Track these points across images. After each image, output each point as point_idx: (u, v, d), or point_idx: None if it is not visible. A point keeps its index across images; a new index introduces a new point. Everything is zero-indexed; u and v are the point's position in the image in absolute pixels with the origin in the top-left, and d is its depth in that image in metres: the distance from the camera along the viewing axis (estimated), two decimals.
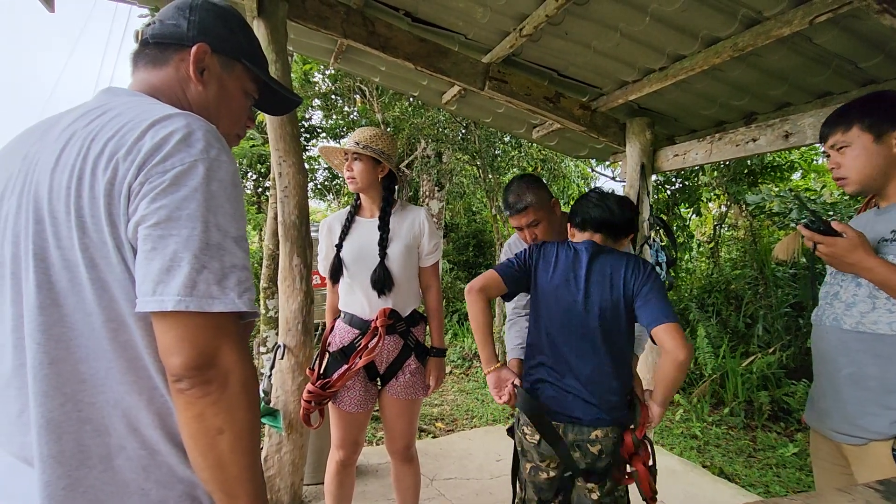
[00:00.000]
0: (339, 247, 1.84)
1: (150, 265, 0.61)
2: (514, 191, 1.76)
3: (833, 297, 1.38)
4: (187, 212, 0.62)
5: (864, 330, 1.27)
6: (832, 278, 1.42)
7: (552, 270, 1.50)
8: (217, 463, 0.63)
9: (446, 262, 9.37)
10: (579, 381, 1.41)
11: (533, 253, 1.58)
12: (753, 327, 5.13)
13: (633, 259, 1.49)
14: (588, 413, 1.40)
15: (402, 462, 1.94)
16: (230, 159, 0.68)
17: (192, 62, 0.79)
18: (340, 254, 1.84)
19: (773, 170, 5.97)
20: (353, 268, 1.83)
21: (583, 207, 1.56)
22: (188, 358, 0.60)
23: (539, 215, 1.74)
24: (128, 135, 0.64)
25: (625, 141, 3.15)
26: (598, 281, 1.44)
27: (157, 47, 0.80)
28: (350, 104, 7.98)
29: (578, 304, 1.43)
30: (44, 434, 0.62)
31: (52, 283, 0.64)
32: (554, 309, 1.47)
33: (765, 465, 3.54)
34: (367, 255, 1.82)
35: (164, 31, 0.80)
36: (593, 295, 1.43)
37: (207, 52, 0.81)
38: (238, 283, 0.65)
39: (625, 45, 2.31)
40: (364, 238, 1.84)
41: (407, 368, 1.85)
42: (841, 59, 2.10)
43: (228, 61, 0.85)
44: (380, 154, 1.79)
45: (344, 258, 1.84)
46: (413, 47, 2.55)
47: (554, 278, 1.49)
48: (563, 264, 1.50)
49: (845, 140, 1.31)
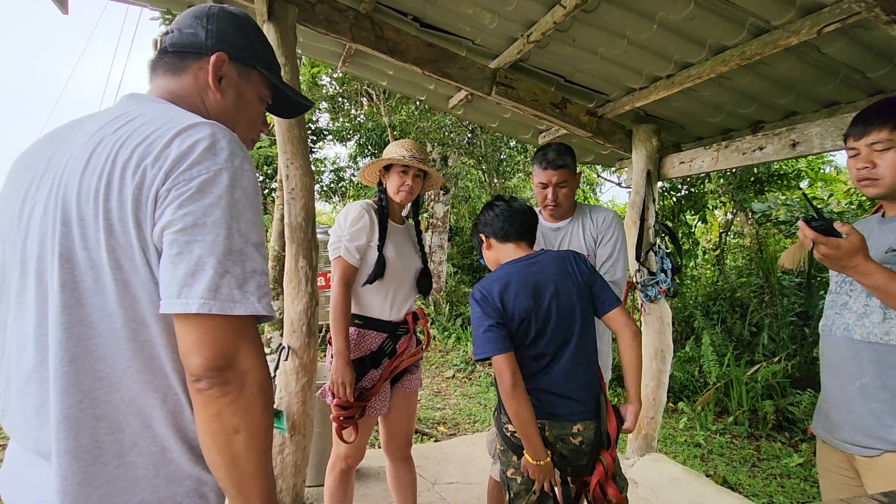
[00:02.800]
0: (382, 246, 1.80)
1: (176, 269, 0.63)
2: (555, 149, 1.84)
3: (842, 306, 1.36)
4: (212, 218, 0.64)
5: (876, 340, 1.25)
6: (839, 287, 1.39)
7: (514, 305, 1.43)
8: (232, 461, 0.65)
9: (450, 266, 9.38)
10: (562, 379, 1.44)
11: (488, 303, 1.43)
12: (758, 336, 5.10)
13: (569, 252, 1.56)
14: (568, 408, 1.43)
15: (402, 460, 1.96)
16: (251, 168, 0.71)
17: (210, 71, 0.81)
18: (385, 254, 1.80)
19: (779, 178, 5.95)
20: (392, 270, 1.81)
21: (500, 220, 1.56)
22: (208, 359, 0.63)
23: (570, 179, 1.86)
24: (155, 142, 0.66)
25: (631, 147, 3.15)
26: (560, 284, 1.46)
27: (176, 56, 0.82)
28: (357, 107, 8.03)
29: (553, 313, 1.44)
30: (62, 430, 0.64)
31: (76, 283, 0.66)
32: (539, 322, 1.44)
33: (769, 475, 3.51)
34: (408, 260, 1.88)
35: (183, 39, 0.82)
36: (562, 297, 1.45)
37: (225, 61, 0.83)
38: (258, 288, 0.67)
39: (632, 52, 2.31)
40: (401, 242, 1.88)
41: (418, 363, 1.95)
42: (849, 69, 2.10)
43: (245, 69, 0.87)
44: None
45: (389, 260, 1.80)
46: (421, 52, 2.57)
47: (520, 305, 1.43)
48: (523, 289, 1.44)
49: (892, 139, 1.22)
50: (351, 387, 1.69)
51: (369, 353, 1.79)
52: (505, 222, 1.56)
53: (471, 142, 7.10)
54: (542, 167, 1.83)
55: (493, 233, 1.58)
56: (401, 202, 1.87)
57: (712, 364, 4.76)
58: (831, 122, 2.22)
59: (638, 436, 3.16)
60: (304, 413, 2.28)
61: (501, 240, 1.56)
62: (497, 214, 1.58)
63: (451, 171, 8.02)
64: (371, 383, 1.75)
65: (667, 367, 3.16)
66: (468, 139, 7.07)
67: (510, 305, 1.42)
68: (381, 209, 1.86)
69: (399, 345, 1.82)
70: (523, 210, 1.60)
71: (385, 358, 1.79)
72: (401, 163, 1.81)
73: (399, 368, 1.82)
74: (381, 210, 1.86)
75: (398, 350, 1.81)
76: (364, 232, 1.77)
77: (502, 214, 1.57)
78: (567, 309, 1.45)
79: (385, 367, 1.77)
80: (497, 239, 1.57)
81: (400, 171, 1.84)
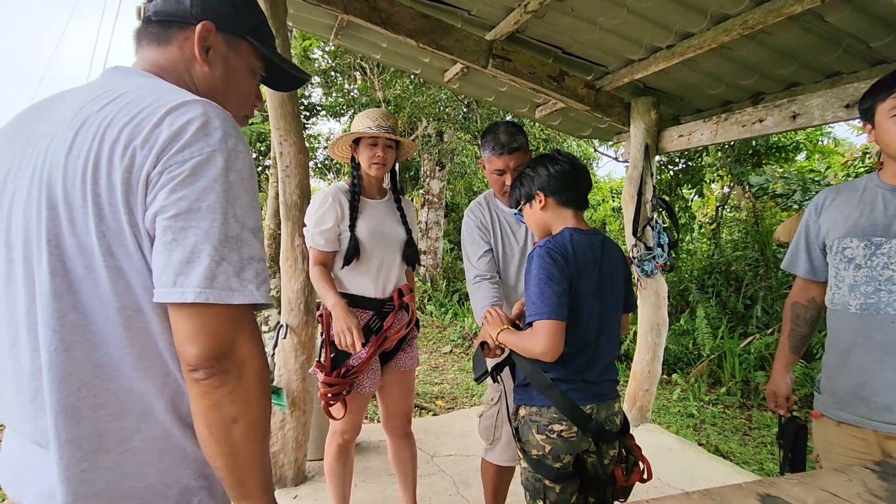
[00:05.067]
0: (353, 227, 1.78)
1: (171, 256, 0.61)
2: (505, 131, 1.68)
3: (888, 281, 1.28)
4: (207, 203, 0.62)
5: None
6: (878, 259, 1.30)
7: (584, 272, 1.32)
8: (231, 450, 0.64)
9: (447, 242, 9.38)
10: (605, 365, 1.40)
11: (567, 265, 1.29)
12: (753, 308, 5.16)
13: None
14: (609, 389, 1.42)
15: (402, 437, 1.98)
16: (246, 149, 0.68)
17: (196, 42, 0.77)
18: (356, 234, 1.77)
19: (777, 150, 5.91)
20: (371, 248, 1.79)
21: (565, 180, 1.38)
22: (206, 349, 0.61)
23: (525, 160, 1.67)
24: (144, 122, 0.63)
25: (629, 121, 3.11)
26: (609, 266, 1.40)
27: (160, 25, 0.77)
28: (350, 82, 7.87)
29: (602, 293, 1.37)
30: (61, 419, 0.63)
31: (66, 270, 0.63)
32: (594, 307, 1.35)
33: (759, 443, 3.61)
34: (389, 235, 1.84)
35: (167, 7, 0.77)
36: (608, 281, 1.39)
37: (212, 31, 0.78)
38: (256, 275, 0.65)
39: (632, 21, 2.26)
40: (380, 218, 1.84)
41: (411, 340, 1.93)
42: (852, 38, 2.06)
43: (234, 39, 0.82)
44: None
45: (361, 239, 1.78)
46: (415, 23, 2.50)
47: (586, 283, 1.32)
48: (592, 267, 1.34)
49: None
50: (358, 329, 1.65)
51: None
52: (571, 182, 1.38)
53: (467, 116, 7.00)
54: (497, 153, 1.67)
55: (554, 192, 1.38)
56: (376, 175, 1.82)
57: (706, 336, 4.83)
58: (832, 92, 2.19)
59: (633, 407, 3.22)
60: (303, 389, 2.31)
61: (563, 204, 1.39)
62: (561, 172, 1.37)
63: (447, 146, 7.93)
64: (358, 360, 1.75)
65: (662, 340, 3.20)
66: (464, 114, 6.96)
67: (580, 280, 1.30)
68: (353, 187, 1.81)
69: (385, 321, 1.81)
70: (586, 172, 1.43)
71: (372, 335, 1.79)
72: (367, 135, 1.78)
73: (387, 345, 1.81)
74: (353, 189, 1.81)
75: (385, 326, 1.80)
76: (329, 216, 1.75)
77: (567, 174, 1.37)
78: (615, 300, 1.40)
79: (371, 343, 1.76)
80: (557, 200, 1.39)
81: (369, 144, 1.79)
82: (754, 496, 0.84)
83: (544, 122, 3.69)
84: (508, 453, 1.79)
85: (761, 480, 0.92)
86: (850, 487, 0.87)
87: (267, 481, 0.68)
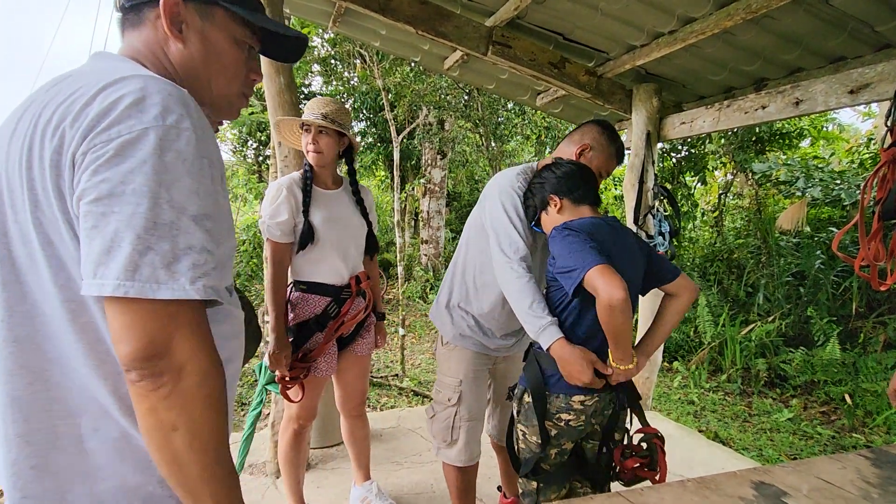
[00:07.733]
0: (307, 213, 1.78)
1: (91, 245, 0.55)
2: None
3: None
4: (132, 186, 0.55)
5: None
6: None
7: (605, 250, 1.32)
8: (173, 460, 0.58)
9: (448, 231, 9.37)
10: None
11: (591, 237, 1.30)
12: (754, 296, 5.16)
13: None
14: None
15: (356, 418, 2.06)
16: (196, 126, 0.60)
17: (164, 17, 0.70)
18: (310, 220, 1.78)
19: (781, 137, 5.86)
20: (328, 236, 1.80)
21: (573, 180, 1.44)
22: (135, 348, 0.55)
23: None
24: (78, 100, 0.58)
25: (631, 108, 3.08)
26: (628, 248, 1.42)
27: (132, 9, 0.73)
28: (350, 69, 7.80)
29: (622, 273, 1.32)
30: (10, 413, 0.60)
31: (13, 259, 0.60)
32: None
33: (759, 429, 3.63)
34: (346, 225, 1.86)
35: None
36: (630, 267, 1.39)
37: (179, 3, 0.71)
38: (192, 267, 0.57)
39: (634, 6, 2.22)
40: (336, 208, 1.85)
41: (369, 326, 2.00)
42: (857, 22, 2.02)
43: (206, 8, 0.73)
44: (343, 128, 1.78)
45: (316, 226, 1.78)
46: (413, 10, 2.47)
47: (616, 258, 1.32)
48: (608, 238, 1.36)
49: None
50: (287, 359, 1.75)
51: (314, 317, 1.82)
52: (580, 180, 1.43)
53: (467, 104, 6.93)
54: (618, 164, 1.65)
55: (567, 192, 1.42)
56: (314, 163, 1.81)
57: (708, 324, 4.84)
58: (836, 78, 2.16)
59: None
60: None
61: (577, 201, 1.43)
62: (567, 174, 1.44)
63: (448, 135, 7.88)
64: (316, 345, 1.80)
65: None
66: (464, 102, 6.89)
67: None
68: (304, 177, 1.82)
69: (343, 307, 1.85)
70: (590, 170, 1.49)
71: (330, 321, 1.83)
72: (296, 121, 1.82)
73: (343, 330, 1.85)
74: (304, 178, 1.81)
75: (342, 312, 1.84)
76: (284, 207, 1.74)
77: (574, 173, 1.44)
78: (634, 287, 1.41)
79: (328, 329, 1.81)
80: (571, 200, 1.43)
81: (305, 131, 1.80)
82: (748, 483, 0.85)
83: (545, 109, 3.66)
84: (468, 453, 1.75)
85: (756, 468, 0.93)
86: (843, 475, 0.88)
87: (225, 496, 0.61)
